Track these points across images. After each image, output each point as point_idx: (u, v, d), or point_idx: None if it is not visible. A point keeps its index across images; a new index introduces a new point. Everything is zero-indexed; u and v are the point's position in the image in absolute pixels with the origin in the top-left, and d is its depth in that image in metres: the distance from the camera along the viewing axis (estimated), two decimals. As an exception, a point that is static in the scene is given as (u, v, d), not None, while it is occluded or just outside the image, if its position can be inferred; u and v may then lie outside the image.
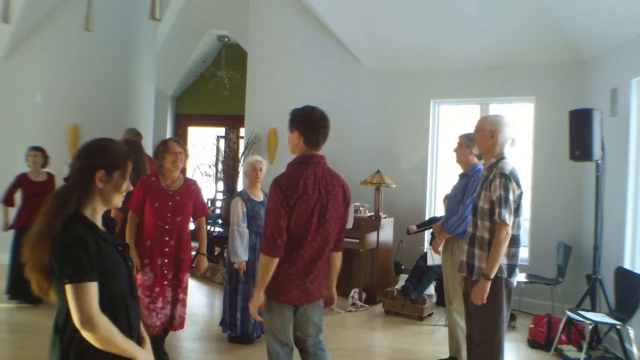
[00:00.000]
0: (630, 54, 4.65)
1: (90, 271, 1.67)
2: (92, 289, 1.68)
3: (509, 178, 2.99)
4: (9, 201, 5.54)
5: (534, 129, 6.09)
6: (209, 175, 8.46)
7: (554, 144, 5.76)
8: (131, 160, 1.90)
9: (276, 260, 2.65)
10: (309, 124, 2.74)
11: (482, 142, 3.17)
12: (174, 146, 3.86)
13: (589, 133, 4.48)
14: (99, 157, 1.82)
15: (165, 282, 3.91)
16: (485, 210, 3.07)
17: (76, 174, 1.80)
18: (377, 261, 6.11)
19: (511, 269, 3.05)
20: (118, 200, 1.87)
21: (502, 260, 3.01)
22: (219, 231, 7.98)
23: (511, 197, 2.98)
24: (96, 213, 1.83)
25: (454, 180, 4.34)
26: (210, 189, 9.02)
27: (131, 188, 1.92)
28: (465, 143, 4.12)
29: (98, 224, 1.83)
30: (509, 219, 2.95)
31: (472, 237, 3.16)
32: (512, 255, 3.06)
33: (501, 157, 3.13)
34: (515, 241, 3.05)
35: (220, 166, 8.26)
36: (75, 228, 1.71)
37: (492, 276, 2.98)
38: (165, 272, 3.90)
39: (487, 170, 3.18)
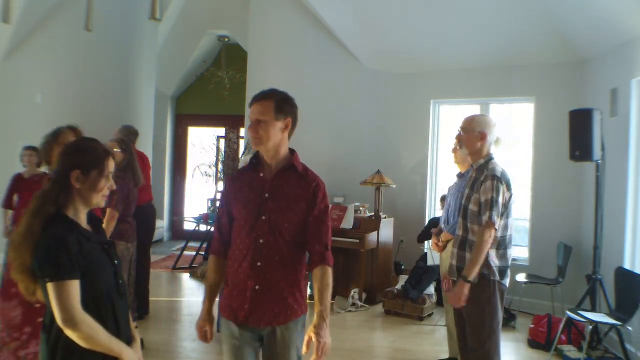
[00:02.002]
0: (630, 54, 4.65)
1: (70, 269, 1.68)
2: (73, 287, 1.68)
3: (500, 180, 2.93)
4: (9, 204, 5.54)
5: (534, 129, 6.09)
6: (209, 175, 8.47)
7: (554, 144, 5.76)
8: (111, 159, 1.89)
9: None
10: (296, 112, 2.26)
11: (471, 144, 3.07)
12: (65, 136, 3.10)
13: (589, 133, 4.48)
14: (75, 157, 1.83)
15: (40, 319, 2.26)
16: (475, 213, 3.00)
17: (55, 175, 1.82)
18: (377, 261, 6.11)
19: (502, 271, 2.99)
20: (98, 200, 1.86)
21: (494, 262, 2.95)
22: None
23: (501, 199, 2.92)
24: (79, 212, 1.83)
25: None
26: (210, 189, 9.03)
27: (114, 187, 1.90)
28: (464, 143, 4.10)
29: (82, 223, 1.83)
30: (497, 221, 2.90)
31: (463, 240, 3.08)
32: (502, 257, 2.99)
33: (490, 158, 3.06)
34: (504, 242, 3.00)
35: (220, 166, 8.26)
36: (55, 228, 1.72)
37: (471, 278, 2.91)
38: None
39: (475, 171, 3.10)
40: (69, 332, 1.67)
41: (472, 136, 3.06)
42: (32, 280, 1.73)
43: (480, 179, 3.00)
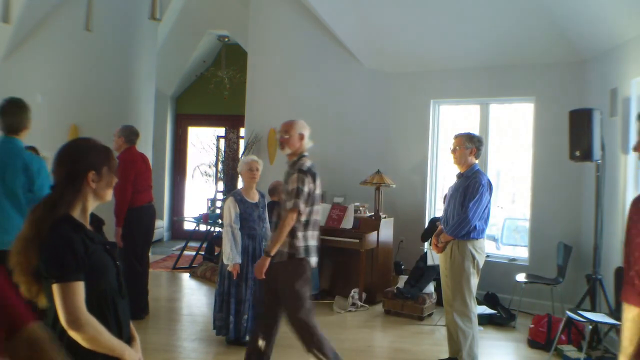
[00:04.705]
0: (630, 54, 4.65)
1: (76, 271, 1.68)
2: (79, 288, 1.68)
3: (306, 173, 3.42)
4: None
5: (533, 129, 6.09)
6: (209, 176, 8.47)
7: (554, 144, 5.76)
8: (112, 152, 1.93)
9: None
10: None
11: (293, 145, 3.55)
12: None
13: (589, 133, 4.48)
14: (86, 158, 1.83)
15: None
16: (283, 200, 3.48)
17: (65, 180, 1.80)
18: (377, 261, 6.11)
19: (308, 250, 3.47)
20: (109, 195, 1.91)
21: (300, 243, 3.42)
22: (219, 231, 7.99)
23: (306, 189, 3.40)
24: (85, 212, 1.84)
25: (454, 180, 4.34)
26: (210, 189, 9.03)
27: (117, 179, 1.94)
28: (464, 144, 4.11)
29: (86, 223, 1.84)
30: (302, 207, 3.38)
31: (276, 224, 3.48)
32: (309, 237, 3.48)
33: (302, 155, 3.55)
34: (309, 225, 3.47)
35: (220, 166, 8.27)
36: (61, 229, 1.72)
37: (272, 253, 3.39)
38: None
39: (290, 167, 3.54)
40: (73, 334, 1.67)
41: (294, 138, 3.55)
42: (36, 281, 1.73)
43: (290, 172, 3.48)
